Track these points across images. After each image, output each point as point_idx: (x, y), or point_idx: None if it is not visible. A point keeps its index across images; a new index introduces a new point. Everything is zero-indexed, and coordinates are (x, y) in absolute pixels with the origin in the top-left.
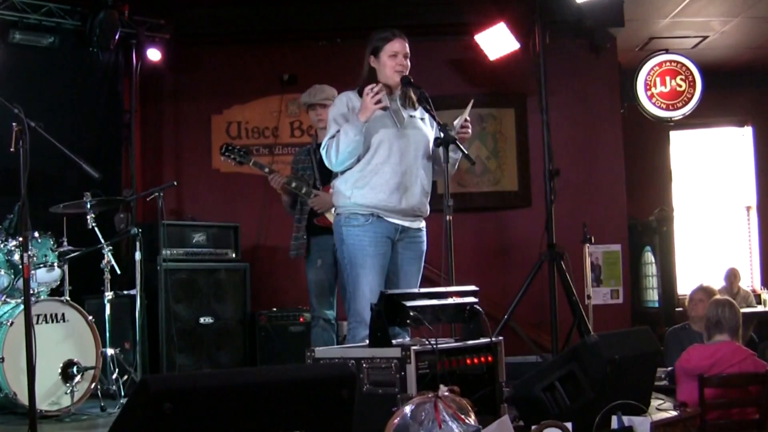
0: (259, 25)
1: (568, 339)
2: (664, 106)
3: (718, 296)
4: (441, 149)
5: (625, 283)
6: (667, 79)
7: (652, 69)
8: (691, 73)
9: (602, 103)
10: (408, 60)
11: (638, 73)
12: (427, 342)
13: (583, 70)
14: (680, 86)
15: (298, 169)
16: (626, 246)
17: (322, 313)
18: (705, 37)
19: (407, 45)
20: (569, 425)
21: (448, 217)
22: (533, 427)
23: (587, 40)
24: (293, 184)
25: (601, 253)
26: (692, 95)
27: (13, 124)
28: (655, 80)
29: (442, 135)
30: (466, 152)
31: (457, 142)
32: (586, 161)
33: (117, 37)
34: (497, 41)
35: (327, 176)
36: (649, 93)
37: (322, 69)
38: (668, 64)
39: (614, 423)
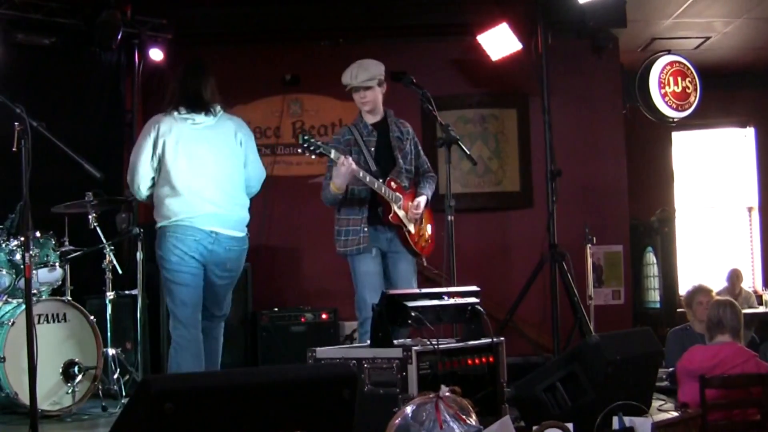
0: (261, 25)
1: (570, 339)
2: (675, 106)
3: (718, 297)
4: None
5: (627, 284)
6: (679, 79)
7: (664, 68)
8: (693, 75)
9: (604, 104)
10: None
11: (650, 72)
12: (428, 342)
13: (586, 70)
14: (688, 87)
15: (351, 152)
16: (628, 246)
17: None
18: (707, 38)
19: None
20: (570, 426)
21: (449, 218)
22: (534, 428)
23: (589, 41)
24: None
25: (602, 253)
26: (695, 97)
27: (15, 123)
28: (668, 79)
29: (444, 135)
30: (468, 152)
31: (460, 143)
32: (588, 162)
33: (119, 36)
34: (500, 42)
35: (386, 163)
36: (662, 91)
37: (325, 69)
38: (677, 64)
39: (615, 423)
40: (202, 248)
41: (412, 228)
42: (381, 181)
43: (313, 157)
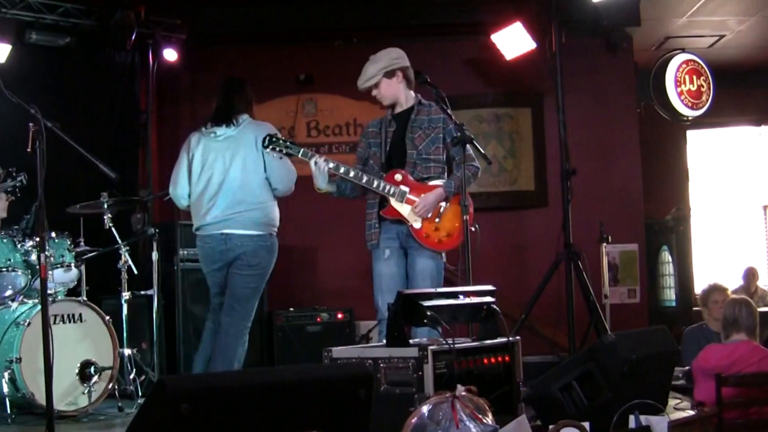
0: (275, 24)
1: (585, 338)
2: (690, 104)
3: (734, 295)
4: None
5: (642, 283)
6: (694, 77)
7: (680, 66)
8: (707, 73)
9: (619, 103)
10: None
11: (665, 70)
12: (444, 342)
13: (600, 69)
14: (702, 86)
15: (370, 144)
16: (643, 245)
17: None
18: (721, 37)
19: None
20: (587, 425)
21: (464, 217)
22: (550, 427)
23: (603, 40)
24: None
25: (618, 252)
26: (709, 96)
27: (30, 124)
28: (684, 77)
29: (459, 135)
30: (483, 151)
31: (474, 142)
32: (602, 161)
33: (133, 37)
34: (514, 41)
35: (399, 155)
36: (679, 90)
37: (339, 69)
38: (691, 63)
39: (632, 422)
40: (217, 252)
41: (417, 223)
42: (377, 175)
43: (281, 157)
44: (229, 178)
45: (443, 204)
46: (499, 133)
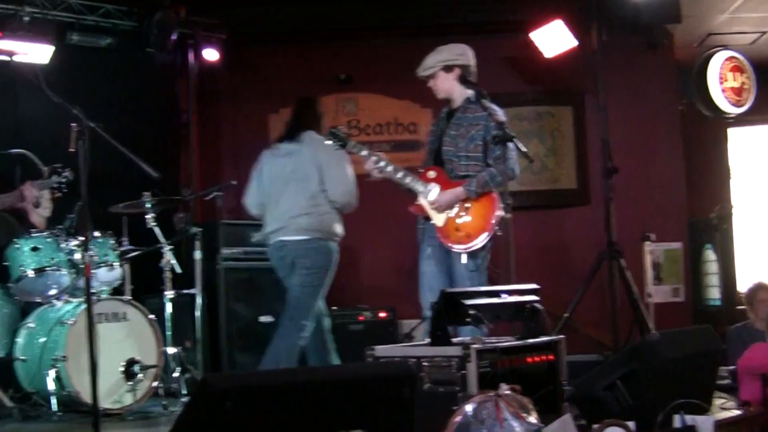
0: (315, 24)
1: (629, 337)
2: (734, 102)
3: None
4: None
5: (686, 282)
6: (737, 74)
7: (723, 63)
8: (749, 70)
9: (660, 101)
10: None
11: (708, 67)
12: (487, 340)
13: (641, 67)
14: (745, 83)
15: (430, 138)
16: (686, 244)
17: None
18: (763, 33)
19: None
20: (631, 424)
21: (507, 216)
22: (595, 426)
23: (644, 37)
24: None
25: (661, 251)
26: (752, 93)
27: (73, 124)
28: (727, 74)
29: (500, 133)
30: (525, 150)
31: (515, 141)
32: (644, 159)
33: (174, 37)
34: (554, 38)
35: (442, 152)
36: (722, 87)
37: (379, 68)
38: (734, 60)
39: (676, 422)
40: (277, 260)
41: (439, 221)
42: (413, 171)
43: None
44: (287, 190)
45: (468, 204)
46: (540, 131)
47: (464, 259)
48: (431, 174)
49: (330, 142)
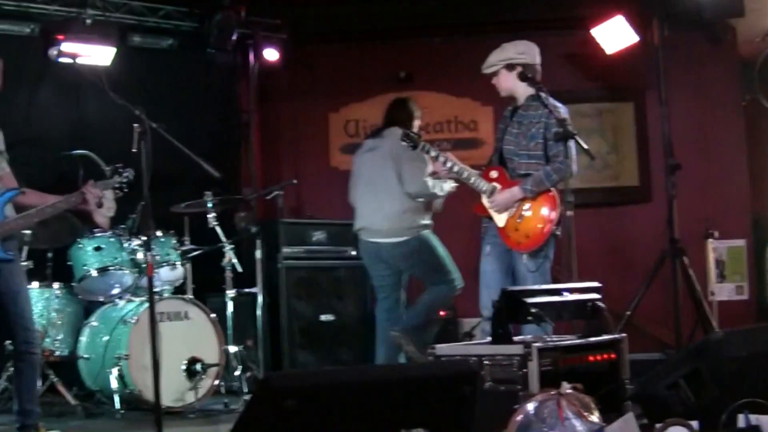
0: (375, 22)
1: (692, 336)
2: None
3: None
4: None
5: (750, 279)
6: None
7: None
8: None
9: (723, 96)
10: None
11: None
12: (548, 339)
13: (703, 62)
14: None
15: (497, 139)
16: (751, 241)
17: None
18: None
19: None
20: (694, 423)
21: (568, 213)
22: (657, 426)
23: (706, 32)
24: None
25: (725, 248)
26: None
27: (135, 125)
28: None
29: (561, 131)
30: (586, 147)
31: (577, 138)
32: (707, 155)
33: (234, 38)
34: (615, 34)
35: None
36: None
37: (439, 66)
38: None
39: (741, 421)
40: (371, 259)
41: (500, 221)
42: (478, 171)
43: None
44: (369, 188)
45: (528, 205)
46: (601, 128)
47: (525, 259)
48: (493, 174)
49: (404, 143)
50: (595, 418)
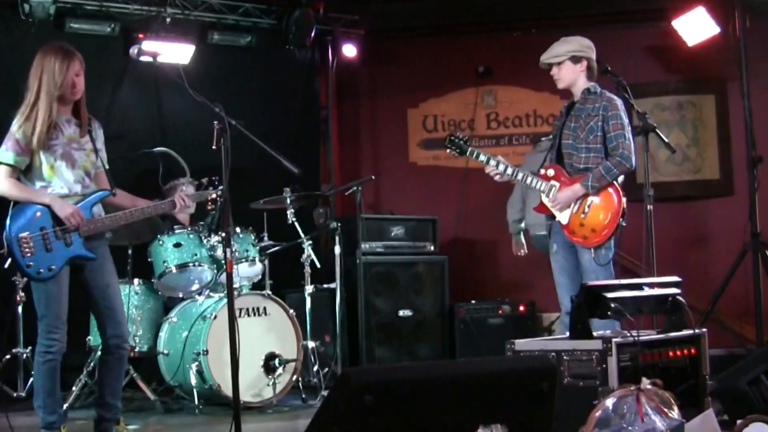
0: (453, 17)
1: None
2: None
3: None
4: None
5: None
6: None
7: None
8: None
9: None
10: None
11: None
12: (628, 334)
13: None
14: None
15: (551, 137)
16: None
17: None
18: None
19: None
20: None
21: (648, 207)
22: (738, 422)
23: None
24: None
25: None
26: None
27: (215, 122)
28: None
29: (641, 123)
30: (666, 140)
31: (657, 131)
32: None
33: (312, 34)
34: (696, 26)
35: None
36: None
37: (517, 60)
38: None
39: None
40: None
41: (563, 218)
42: (534, 170)
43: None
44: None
45: (590, 199)
46: (681, 121)
47: (591, 253)
48: (550, 172)
49: (448, 151)
50: (674, 414)
